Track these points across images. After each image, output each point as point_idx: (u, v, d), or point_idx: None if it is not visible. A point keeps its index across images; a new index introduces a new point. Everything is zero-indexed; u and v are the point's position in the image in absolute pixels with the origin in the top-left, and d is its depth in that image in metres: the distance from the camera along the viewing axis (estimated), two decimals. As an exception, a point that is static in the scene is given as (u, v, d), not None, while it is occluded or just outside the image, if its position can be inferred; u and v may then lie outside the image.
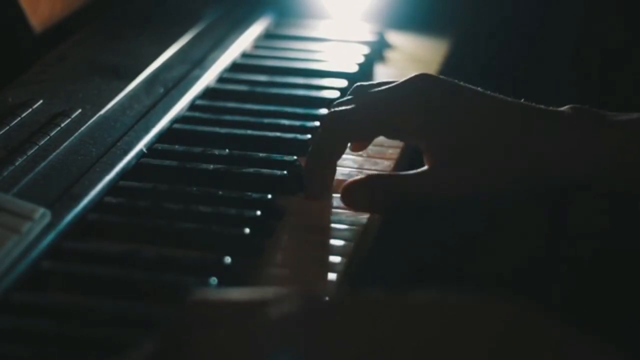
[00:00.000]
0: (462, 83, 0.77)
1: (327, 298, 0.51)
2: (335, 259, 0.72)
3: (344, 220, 0.76)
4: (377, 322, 0.48)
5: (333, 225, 0.75)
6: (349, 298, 0.51)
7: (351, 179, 0.77)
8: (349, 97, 0.80)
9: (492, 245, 1.05)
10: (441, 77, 0.78)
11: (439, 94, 0.76)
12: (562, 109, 0.76)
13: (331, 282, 0.69)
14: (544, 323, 0.49)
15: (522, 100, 0.77)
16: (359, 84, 0.82)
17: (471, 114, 0.75)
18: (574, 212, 1.10)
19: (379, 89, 0.79)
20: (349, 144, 0.81)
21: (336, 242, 0.74)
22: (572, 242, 1.08)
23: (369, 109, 0.78)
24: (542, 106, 0.76)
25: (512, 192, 0.75)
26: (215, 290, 0.60)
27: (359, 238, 0.74)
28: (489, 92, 0.77)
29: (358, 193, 0.76)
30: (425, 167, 0.75)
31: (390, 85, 0.78)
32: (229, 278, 0.67)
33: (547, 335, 0.48)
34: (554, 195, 0.78)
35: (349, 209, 0.76)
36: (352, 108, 0.78)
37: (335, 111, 0.78)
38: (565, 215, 1.11)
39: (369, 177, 0.77)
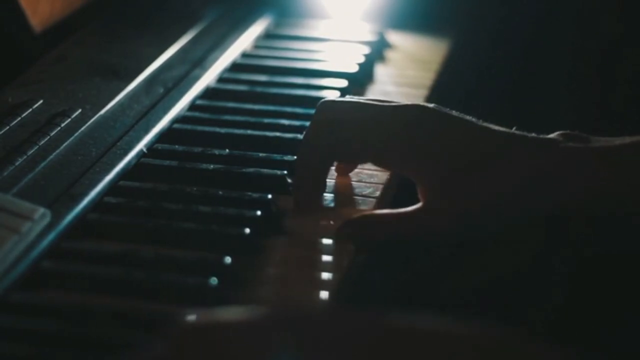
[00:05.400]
0: (453, 112, 0.76)
1: (314, 316, 0.51)
2: (334, 259, 0.72)
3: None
4: (363, 344, 0.49)
5: (325, 240, 0.74)
6: (335, 316, 0.51)
7: (345, 221, 0.75)
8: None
9: (490, 247, 1.05)
10: (432, 107, 0.77)
11: (428, 127, 0.75)
12: (552, 135, 0.75)
13: (323, 297, 0.68)
14: (525, 349, 0.49)
15: (514, 128, 0.76)
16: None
17: (461, 148, 0.75)
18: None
19: (368, 116, 0.77)
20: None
21: (327, 258, 0.74)
22: (571, 244, 1.08)
23: (353, 133, 0.77)
24: (533, 134, 0.75)
25: (502, 221, 0.75)
26: (201, 314, 0.60)
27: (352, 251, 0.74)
28: (480, 121, 0.76)
29: (352, 233, 0.75)
30: (419, 205, 0.75)
31: (382, 110, 0.77)
32: (229, 278, 0.67)
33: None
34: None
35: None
36: (335, 127, 0.77)
37: (318, 126, 0.77)
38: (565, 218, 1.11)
39: (363, 219, 0.76)
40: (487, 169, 0.74)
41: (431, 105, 0.77)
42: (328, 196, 0.79)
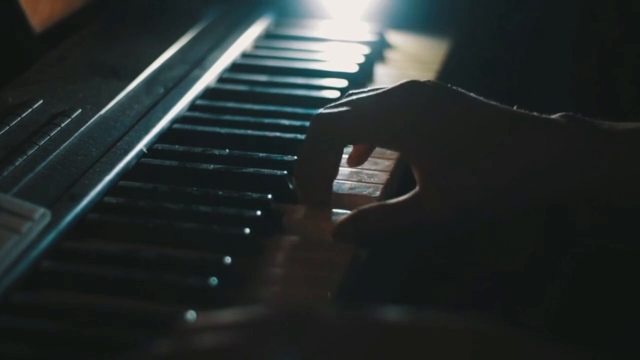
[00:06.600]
0: (453, 88, 0.75)
1: (314, 316, 0.52)
2: (334, 259, 0.72)
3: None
4: (359, 346, 0.49)
5: (325, 240, 0.74)
6: (335, 317, 0.52)
7: (340, 219, 0.75)
8: (339, 102, 0.79)
9: (491, 242, 1.05)
10: (431, 83, 0.76)
11: (427, 105, 0.74)
12: (555, 116, 0.74)
13: (323, 297, 0.68)
14: (520, 342, 0.50)
15: (515, 107, 0.75)
16: (351, 91, 0.80)
17: (459, 125, 0.73)
18: (573, 210, 1.10)
19: (369, 94, 0.77)
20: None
21: (327, 257, 0.74)
22: (571, 241, 1.09)
23: (356, 115, 0.76)
24: (535, 113, 0.74)
25: (503, 208, 0.74)
26: (202, 315, 0.60)
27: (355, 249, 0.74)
28: (480, 98, 0.75)
29: (347, 231, 0.74)
30: (414, 192, 0.74)
31: (380, 91, 0.77)
32: (229, 278, 0.67)
33: (523, 354, 0.49)
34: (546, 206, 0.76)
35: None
36: (339, 112, 0.76)
37: (322, 115, 0.77)
38: (565, 213, 1.11)
39: (358, 213, 0.75)
40: (485, 154, 0.73)
41: (430, 81, 0.76)
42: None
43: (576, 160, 0.72)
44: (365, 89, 0.80)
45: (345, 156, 0.81)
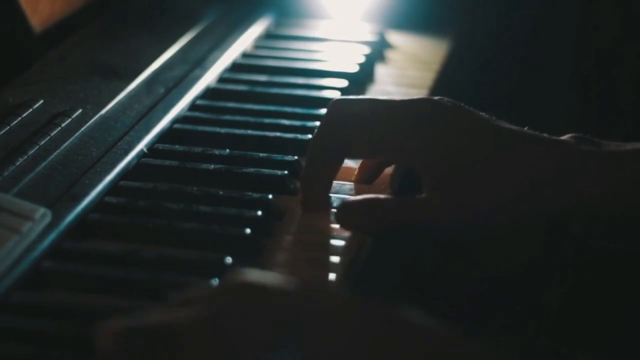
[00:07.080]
0: (464, 107, 0.76)
1: (324, 299, 0.52)
2: (334, 259, 0.72)
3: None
4: (359, 345, 0.50)
5: (326, 241, 0.74)
6: (334, 316, 0.52)
7: (347, 200, 0.75)
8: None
9: (491, 243, 1.05)
10: (444, 102, 0.76)
11: (439, 122, 0.75)
12: (564, 137, 0.75)
13: (329, 282, 0.69)
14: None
15: (526, 127, 0.76)
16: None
17: (468, 136, 0.74)
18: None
19: (378, 107, 0.77)
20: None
21: (336, 242, 0.74)
22: (572, 242, 1.09)
23: (364, 128, 0.76)
24: (545, 134, 0.75)
25: (508, 219, 0.74)
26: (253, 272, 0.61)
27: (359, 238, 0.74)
28: (492, 117, 0.76)
29: (353, 215, 0.74)
30: (423, 195, 0.74)
31: (393, 104, 0.77)
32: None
33: None
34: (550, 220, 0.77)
35: (343, 229, 0.74)
36: (346, 124, 0.76)
37: (330, 124, 0.77)
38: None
39: (366, 200, 0.75)
40: (492, 166, 0.73)
41: (444, 98, 0.76)
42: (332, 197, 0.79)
43: (583, 176, 0.73)
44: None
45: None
